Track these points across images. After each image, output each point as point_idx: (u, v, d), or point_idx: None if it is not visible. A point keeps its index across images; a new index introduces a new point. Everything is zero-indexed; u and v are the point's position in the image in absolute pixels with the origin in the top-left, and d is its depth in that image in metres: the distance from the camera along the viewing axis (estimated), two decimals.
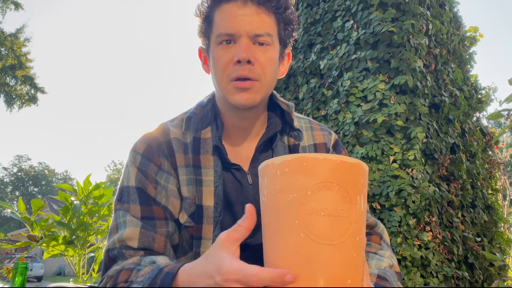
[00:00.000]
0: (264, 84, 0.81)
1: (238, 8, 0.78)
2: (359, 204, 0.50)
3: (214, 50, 0.82)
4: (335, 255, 0.47)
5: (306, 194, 0.48)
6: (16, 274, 0.96)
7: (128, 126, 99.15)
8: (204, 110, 0.89)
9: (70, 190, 2.87)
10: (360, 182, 0.50)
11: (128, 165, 0.84)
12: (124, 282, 0.68)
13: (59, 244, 2.57)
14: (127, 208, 0.79)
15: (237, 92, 0.79)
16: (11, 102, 16.45)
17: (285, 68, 0.92)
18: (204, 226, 0.82)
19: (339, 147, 0.96)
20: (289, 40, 0.88)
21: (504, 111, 1.71)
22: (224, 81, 0.80)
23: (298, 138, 0.90)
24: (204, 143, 0.85)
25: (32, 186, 48.60)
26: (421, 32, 2.86)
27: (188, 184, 0.83)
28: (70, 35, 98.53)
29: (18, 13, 21.76)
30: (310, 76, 3.28)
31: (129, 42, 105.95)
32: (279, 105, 0.91)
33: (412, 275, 2.26)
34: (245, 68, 0.78)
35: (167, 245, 0.80)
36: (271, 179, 0.52)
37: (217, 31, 0.80)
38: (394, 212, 2.37)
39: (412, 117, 2.63)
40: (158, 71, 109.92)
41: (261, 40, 0.79)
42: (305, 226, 0.48)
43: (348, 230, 0.48)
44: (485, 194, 3.12)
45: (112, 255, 0.77)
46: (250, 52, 0.77)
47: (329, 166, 0.49)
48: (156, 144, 0.84)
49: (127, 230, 0.77)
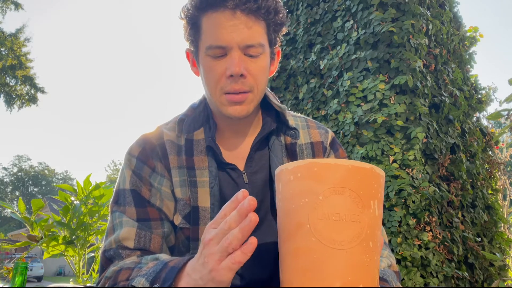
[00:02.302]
0: (256, 94, 0.81)
1: (227, 19, 0.75)
2: (373, 209, 0.50)
3: (205, 60, 0.80)
4: (346, 259, 0.47)
5: (318, 199, 0.48)
6: (16, 274, 0.96)
7: (128, 126, 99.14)
8: (196, 111, 0.89)
9: (70, 190, 2.87)
10: (373, 187, 0.50)
11: (123, 168, 0.85)
12: (125, 280, 0.67)
13: (59, 244, 2.57)
14: (123, 210, 0.80)
15: (230, 105, 0.79)
16: (11, 102, 16.45)
17: (275, 66, 0.91)
18: (201, 228, 0.81)
19: (336, 145, 0.96)
20: (278, 38, 0.86)
21: (504, 111, 1.71)
22: (218, 93, 0.79)
23: (295, 137, 0.90)
24: (197, 144, 0.85)
25: (32, 186, 48.59)
26: (421, 32, 2.86)
27: (182, 185, 0.83)
28: (70, 35, 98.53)
29: (18, 13, 21.76)
30: (310, 76, 3.28)
31: (129, 42, 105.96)
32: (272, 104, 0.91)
33: (412, 275, 2.26)
34: (238, 82, 0.77)
35: (163, 246, 0.80)
36: (285, 184, 0.52)
37: (207, 42, 0.78)
38: (394, 212, 2.36)
39: (412, 117, 2.63)
40: (158, 71, 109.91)
41: (252, 53, 0.77)
42: (316, 231, 0.48)
43: (360, 235, 0.48)
44: (485, 194, 3.12)
45: (109, 256, 0.77)
46: (242, 65, 0.76)
47: (340, 171, 0.49)
48: (150, 146, 0.84)
49: (123, 230, 0.77)
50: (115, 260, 0.76)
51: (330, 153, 0.94)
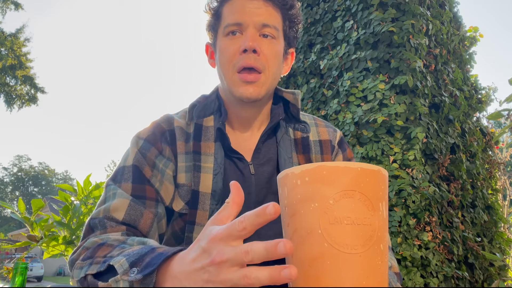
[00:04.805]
0: (268, 76, 0.81)
1: (247, 1, 0.80)
2: (382, 211, 0.49)
3: (221, 41, 0.83)
4: (361, 264, 0.47)
5: (328, 203, 0.47)
6: (16, 274, 0.96)
7: (128, 126, 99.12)
8: (208, 100, 0.90)
9: (70, 190, 2.87)
10: (381, 189, 0.50)
11: (128, 148, 0.84)
12: (102, 257, 0.61)
13: (59, 244, 2.56)
14: (119, 185, 0.78)
15: (242, 85, 0.80)
16: (11, 102, 16.44)
17: (289, 66, 0.92)
18: (199, 212, 0.81)
19: (344, 145, 0.96)
20: (293, 39, 0.89)
21: (504, 111, 1.71)
22: (230, 71, 0.81)
23: (306, 131, 0.90)
24: (206, 131, 0.86)
25: (32, 186, 48.59)
26: (421, 32, 2.86)
27: (187, 171, 0.82)
28: (70, 35, 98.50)
29: (18, 13, 21.75)
30: (310, 76, 3.28)
31: (130, 42, 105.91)
32: (283, 98, 0.91)
33: (412, 275, 2.26)
34: (250, 57, 0.78)
35: (152, 226, 0.77)
36: (291, 189, 0.51)
37: (225, 23, 0.82)
38: (394, 212, 2.36)
39: (412, 117, 2.63)
40: (159, 71, 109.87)
41: (267, 32, 0.81)
42: (329, 236, 0.47)
43: (372, 238, 0.47)
44: (485, 194, 3.12)
45: (93, 224, 0.74)
46: (256, 42, 0.79)
47: (350, 174, 0.48)
48: (160, 130, 0.84)
49: (116, 201, 0.75)
50: (97, 230, 0.73)
51: (338, 152, 0.94)
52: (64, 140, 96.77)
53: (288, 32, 0.86)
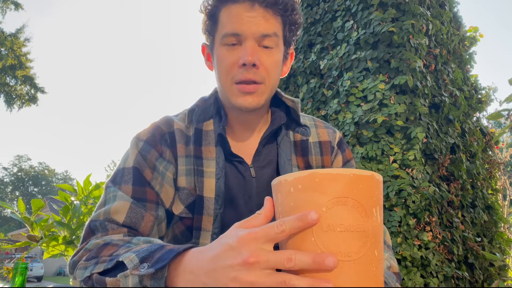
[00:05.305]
0: (268, 86, 0.80)
1: (245, 10, 0.77)
2: (375, 217, 0.49)
3: (219, 50, 0.80)
4: (355, 270, 0.47)
5: (321, 211, 0.47)
6: (16, 274, 0.96)
7: (128, 126, 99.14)
8: (207, 103, 0.89)
9: (70, 190, 2.87)
10: (375, 194, 0.50)
11: (128, 150, 0.83)
12: (109, 256, 0.61)
13: (59, 244, 2.56)
14: (119, 187, 0.77)
15: (241, 96, 0.78)
16: (11, 102, 16.44)
17: (288, 67, 0.92)
18: (204, 217, 0.81)
19: (343, 146, 0.96)
20: (293, 40, 0.87)
21: (504, 111, 1.71)
22: (228, 83, 0.79)
23: (306, 134, 0.90)
24: (206, 135, 0.85)
25: (32, 186, 48.60)
26: (421, 32, 2.86)
27: (187, 174, 0.82)
28: (70, 35, 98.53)
29: (18, 13, 21.77)
30: (310, 76, 3.28)
31: (130, 42, 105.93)
32: (283, 102, 0.91)
33: (412, 275, 2.26)
34: (250, 72, 0.77)
35: (153, 229, 0.77)
36: (285, 197, 0.51)
37: (223, 31, 0.79)
38: (394, 212, 2.36)
39: (412, 117, 2.63)
40: (159, 71, 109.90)
41: (267, 44, 0.78)
42: (322, 243, 0.47)
43: (366, 244, 0.47)
44: (485, 194, 3.12)
45: (93, 226, 0.73)
46: (255, 55, 0.76)
47: (342, 181, 0.48)
48: (159, 132, 0.84)
49: (116, 203, 0.74)
50: (98, 232, 0.72)
51: (338, 153, 0.94)
52: (64, 140, 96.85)
53: (288, 36, 0.84)
